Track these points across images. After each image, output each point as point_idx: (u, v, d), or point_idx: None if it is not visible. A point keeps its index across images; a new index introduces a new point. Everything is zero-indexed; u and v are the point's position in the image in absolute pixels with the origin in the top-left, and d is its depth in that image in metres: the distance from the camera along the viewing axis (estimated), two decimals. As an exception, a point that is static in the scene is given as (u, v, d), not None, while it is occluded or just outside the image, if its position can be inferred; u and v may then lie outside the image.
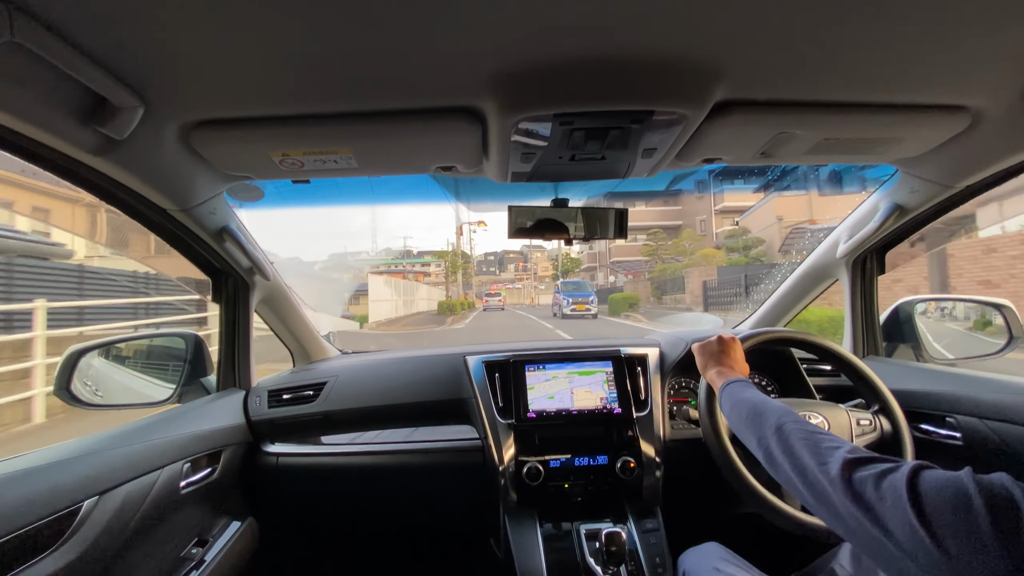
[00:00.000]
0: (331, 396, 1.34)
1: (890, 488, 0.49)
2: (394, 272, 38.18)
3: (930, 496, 0.46)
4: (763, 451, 0.70)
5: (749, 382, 0.88)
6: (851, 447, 0.58)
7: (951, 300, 2.56)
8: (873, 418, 1.05)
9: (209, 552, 1.06)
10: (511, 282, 63.21)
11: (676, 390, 1.34)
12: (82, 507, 0.76)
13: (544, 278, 60.72)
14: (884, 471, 0.51)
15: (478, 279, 60.72)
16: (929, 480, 0.47)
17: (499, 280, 64.87)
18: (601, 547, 1.00)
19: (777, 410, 0.73)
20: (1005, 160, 0.94)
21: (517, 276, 65.40)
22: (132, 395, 1.27)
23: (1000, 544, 0.41)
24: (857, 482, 0.52)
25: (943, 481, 0.46)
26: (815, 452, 0.60)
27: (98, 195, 0.86)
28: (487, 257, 72.00)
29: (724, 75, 0.68)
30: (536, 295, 47.70)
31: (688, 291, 16.86)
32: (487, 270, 69.21)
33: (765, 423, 0.71)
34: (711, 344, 1.03)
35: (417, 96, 0.72)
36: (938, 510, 0.45)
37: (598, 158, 0.89)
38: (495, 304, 28.83)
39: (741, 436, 0.79)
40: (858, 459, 0.55)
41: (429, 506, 1.40)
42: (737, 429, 0.81)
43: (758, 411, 0.75)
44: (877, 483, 0.50)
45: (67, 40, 0.53)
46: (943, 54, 0.65)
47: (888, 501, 0.48)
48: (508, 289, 55.38)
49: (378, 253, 30.76)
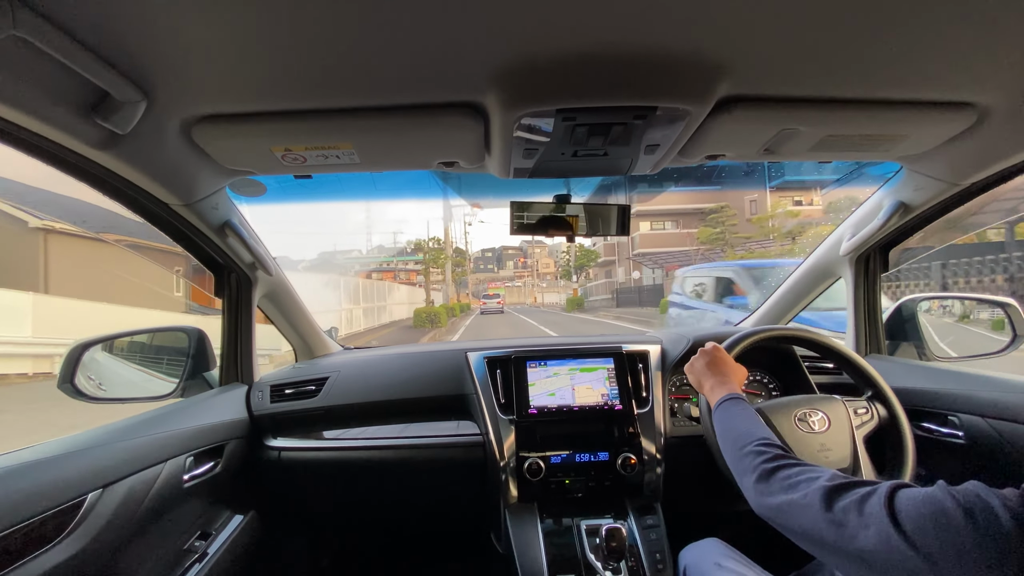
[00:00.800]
0: (333, 391, 1.34)
1: (871, 514, 0.50)
2: (385, 271, 34.63)
3: (911, 515, 0.47)
4: (750, 486, 0.71)
5: (739, 398, 0.88)
6: (830, 475, 0.59)
7: (955, 298, 2.55)
8: (869, 405, 1.05)
9: (212, 545, 1.07)
10: (510, 280, 60.58)
11: (677, 387, 1.34)
12: (86, 500, 0.77)
13: (546, 275, 57.98)
14: (864, 496, 0.52)
15: (475, 277, 57.20)
16: (906, 500, 0.48)
17: (497, 278, 62.29)
18: (601, 543, 1.00)
19: (756, 446, 0.73)
20: (1011, 157, 0.93)
21: (517, 273, 62.68)
22: (136, 389, 1.28)
23: (983, 551, 0.42)
24: (839, 512, 0.53)
25: (919, 499, 0.48)
26: (795, 489, 0.61)
27: (101, 190, 0.86)
28: (484, 254, 68.51)
29: (728, 71, 0.68)
30: (541, 294, 44.28)
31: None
32: (485, 267, 66.41)
33: (747, 462, 0.72)
34: (696, 361, 1.02)
35: (419, 91, 0.72)
36: (921, 529, 0.46)
37: (601, 154, 0.88)
38: (493, 307, 26.25)
39: (731, 468, 0.79)
40: (836, 487, 0.56)
41: (430, 501, 1.41)
42: (728, 460, 0.80)
43: (739, 446, 0.75)
44: (859, 509, 0.52)
45: (69, 34, 0.53)
46: (949, 50, 0.64)
47: (872, 528, 0.49)
48: (507, 287, 52.51)
49: (370, 251, 28.65)
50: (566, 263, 37.13)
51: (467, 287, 41.42)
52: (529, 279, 57.04)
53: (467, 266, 44.15)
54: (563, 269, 39.17)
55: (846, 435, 1.01)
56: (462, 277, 33.76)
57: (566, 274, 38.41)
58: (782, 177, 19.11)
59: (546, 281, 54.63)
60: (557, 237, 1.10)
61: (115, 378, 1.25)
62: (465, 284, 40.64)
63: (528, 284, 54.70)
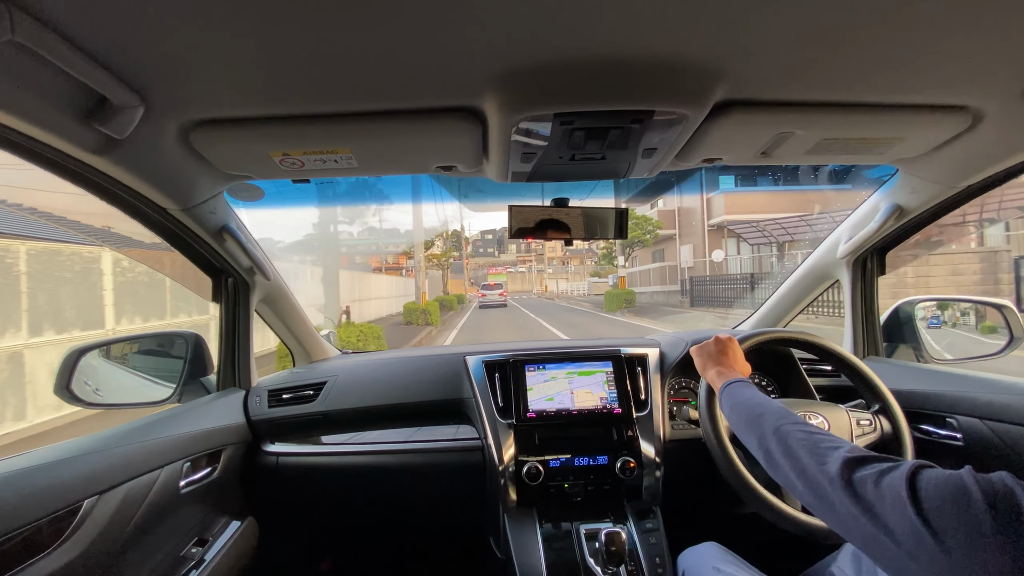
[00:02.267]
0: (331, 396, 1.34)
1: (889, 487, 0.49)
2: (371, 256, 29.42)
3: (930, 493, 0.46)
4: (763, 452, 0.70)
5: (749, 382, 0.88)
6: (851, 447, 0.59)
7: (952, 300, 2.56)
8: (873, 418, 1.05)
9: (209, 552, 1.06)
10: (512, 265, 53.75)
11: (676, 390, 1.34)
12: (82, 506, 0.76)
13: (552, 259, 49.59)
14: (884, 470, 0.51)
15: (474, 262, 50.85)
16: (929, 478, 0.47)
17: (498, 263, 55.39)
18: (601, 547, 1.00)
19: (777, 411, 0.73)
20: (1006, 160, 0.94)
21: (520, 258, 54.91)
22: (132, 394, 1.27)
23: (1001, 540, 0.40)
24: (857, 481, 0.53)
25: (943, 479, 0.46)
26: (814, 452, 0.61)
27: (98, 195, 0.86)
28: (484, 236, 58.30)
29: (725, 75, 0.68)
30: (558, 282, 36.17)
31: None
32: (484, 251, 57.66)
33: (764, 424, 0.71)
34: (709, 345, 1.03)
35: (417, 96, 0.72)
36: (938, 507, 0.45)
37: (598, 158, 0.89)
38: (495, 299, 21.66)
39: (741, 437, 0.79)
40: (858, 458, 0.55)
41: (429, 506, 1.40)
42: (737, 430, 0.81)
43: (758, 412, 0.75)
44: (877, 482, 0.51)
45: (67, 39, 0.53)
46: (944, 54, 0.64)
47: (888, 499, 0.48)
48: (510, 274, 46.75)
49: (360, 234, 25.52)
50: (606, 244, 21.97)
51: (463, 274, 34.49)
52: (535, 264, 50.83)
53: (465, 250, 38.13)
54: (603, 250, 25.77)
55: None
56: (445, 258, 26.04)
57: (606, 256, 26.09)
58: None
59: (551, 266, 48.49)
60: (555, 240, 1.10)
61: (112, 383, 1.24)
62: (461, 270, 34.13)
63: (534, 270, 49.17)
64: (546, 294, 32.03)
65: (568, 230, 1.08)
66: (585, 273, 38.39)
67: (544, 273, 44.56)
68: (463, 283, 32.64)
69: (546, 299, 24.12)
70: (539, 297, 28.71)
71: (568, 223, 1.08)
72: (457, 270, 32.96)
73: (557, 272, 44.91)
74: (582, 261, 44.34)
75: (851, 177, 6.86)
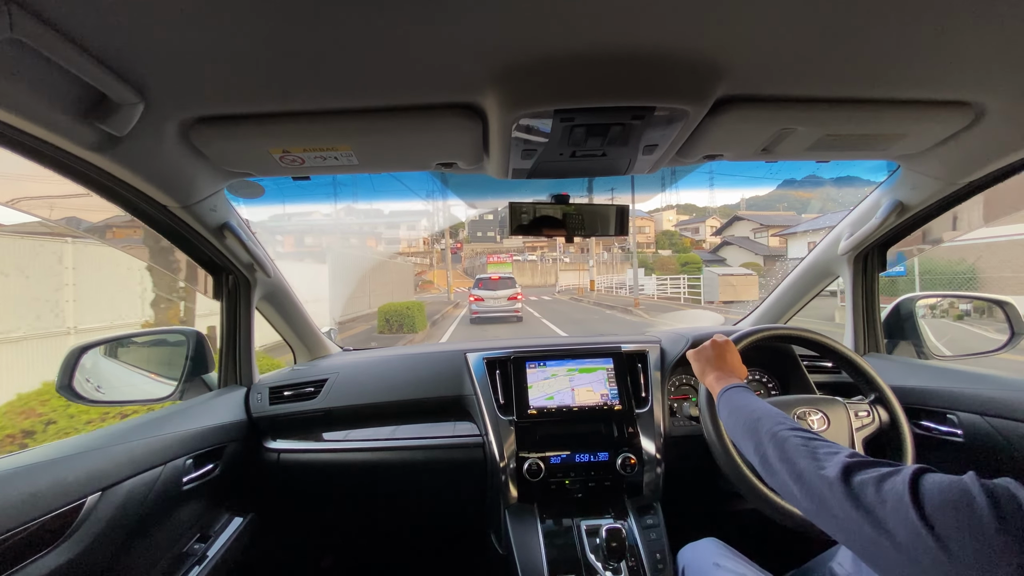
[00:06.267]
0: (332, 393, 1.34)
1: (891, 490, 0.48)
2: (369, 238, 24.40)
3: (933, 497, 0.45)
4: (759, 458, 0.70)
5: (746, 387, 0.88)
6: (850, 452, 0.58)
7: (953, 297, 2.55)
8: (871, 408, 1.05)
9: (211, 548, 1.06)
10: (519, 252, 38.56)
11: (677, 387, 1.34)
12: (85, 503, 0.77)
13: (567, 247, 32.24)
14: (885, 474, 0.51)
15: (471, 248, 40.98)
16: (932, 482, 0.47)
17: (500, 249, 40.14)
18: (602, 543, 1.00)
19: (774, 417, 0.73)
20: (1008, 156, 0.93)
21: (527, 244, 37.41)
22: (134, 392, 1.27)
23: (1005, 544, 0.40)
24: (857, 485, 0.52)
25: (947, 483, 0.46)
26: (813, 457, 0.60)
27: (99, 192, 0.86)
28: (483, 217, 41.99)
29: (726, 71, 0.68)
30: (594, 275, 22.29)
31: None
32: (483, 235, 43.14)
33: (761, 430, 0.71)
34: (706, 349, 1.02)
35: (417, 93, 0.72)
36: (941, 511, 0.44)
37: (599, 154, 0.89)
38: (499, 305, 11.46)
39: (738, 442, 0.79)
40: (858, 463, 0.55)
41: (430, 502, 1.41)
42: (734, 435, 0.80)
43: (755, 418, 0.75)
44: (878, 486, 0.50)
45: (67, 36, 0.53)
46: (946, 50, 0.64)
47: (889, 504, 0.48)
48: (516, 262, 34.96)
49: (337, 211, 21.52)
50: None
51: (460, 263, 28.33)
52: (547, 251, 36.83)
53: (462, 235, 32.63)
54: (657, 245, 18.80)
55: (845, 436, 1.01)
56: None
57: (682, 249, 18.87)
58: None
59: (568, 255, 34.83)
60: (556, 237, 1.10)
61: (114, 381, 1.24)
62: (458, 259, 28.53)
63: (549, 258, 35.67)
64: (581, 294, 19.30)
65: (568, 227, 1.08)
66: (617, 263, 29.25)
67: (558, 262, 33.06)
68: (446, 274, 23.89)
69: (578, 303, 12.84)
70: (587, 301, 15.85)
71: (569, 220, 1.08)
72: (454, 259, 25.76)
73: (576, 260, 33.21)
74: (609, 249, 31.41)
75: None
